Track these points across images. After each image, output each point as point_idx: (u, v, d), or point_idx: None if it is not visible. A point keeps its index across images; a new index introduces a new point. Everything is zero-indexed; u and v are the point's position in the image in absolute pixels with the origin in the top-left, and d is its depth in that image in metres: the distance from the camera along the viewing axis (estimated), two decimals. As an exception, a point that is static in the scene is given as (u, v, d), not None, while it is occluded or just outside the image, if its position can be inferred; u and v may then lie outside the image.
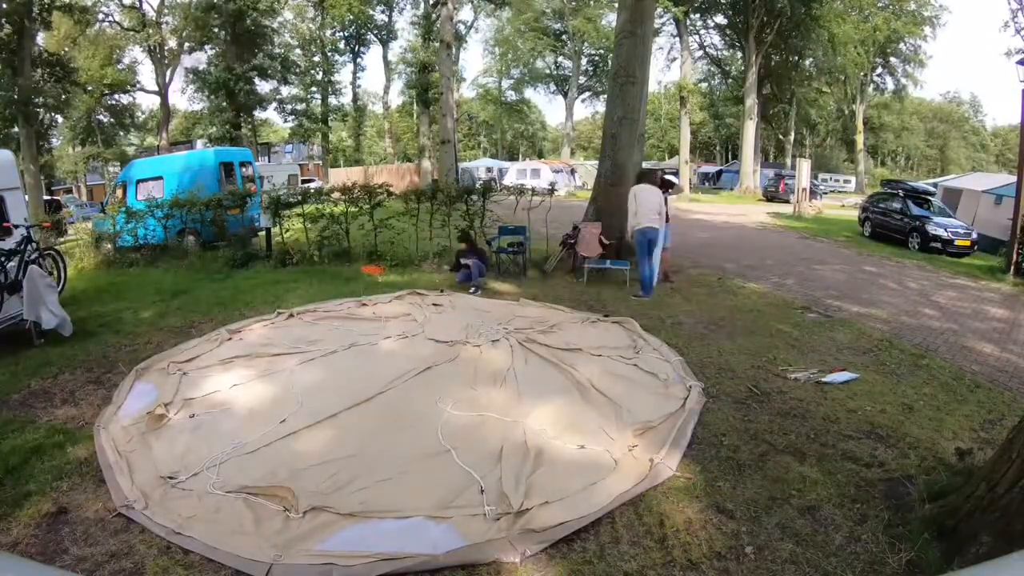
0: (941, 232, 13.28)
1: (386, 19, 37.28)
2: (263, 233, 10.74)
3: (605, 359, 4.98)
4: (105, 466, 3.40)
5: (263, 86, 30.54)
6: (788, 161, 37.24)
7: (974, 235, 13.35)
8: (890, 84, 40.28)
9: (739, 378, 4.72)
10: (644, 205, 7.41)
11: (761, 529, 2.83)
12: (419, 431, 3.72)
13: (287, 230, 10.44)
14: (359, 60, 38.87)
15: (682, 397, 4.23)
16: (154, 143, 36.35)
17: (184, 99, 37.53)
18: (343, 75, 38.81)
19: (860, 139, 42.27)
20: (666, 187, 8.38)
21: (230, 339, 5.65)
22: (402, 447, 3.54)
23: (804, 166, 21.84)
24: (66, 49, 24.36)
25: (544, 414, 3.93)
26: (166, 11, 28.72)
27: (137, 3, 28.22)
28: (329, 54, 36.27)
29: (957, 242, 13.11)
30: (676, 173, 31.73)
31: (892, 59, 37.90)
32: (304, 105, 35.16)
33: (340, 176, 28.29)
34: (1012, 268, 10.27)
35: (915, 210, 14.33)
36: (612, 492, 3.07)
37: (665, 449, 3.50)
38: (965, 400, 4.47)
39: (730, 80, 37.54)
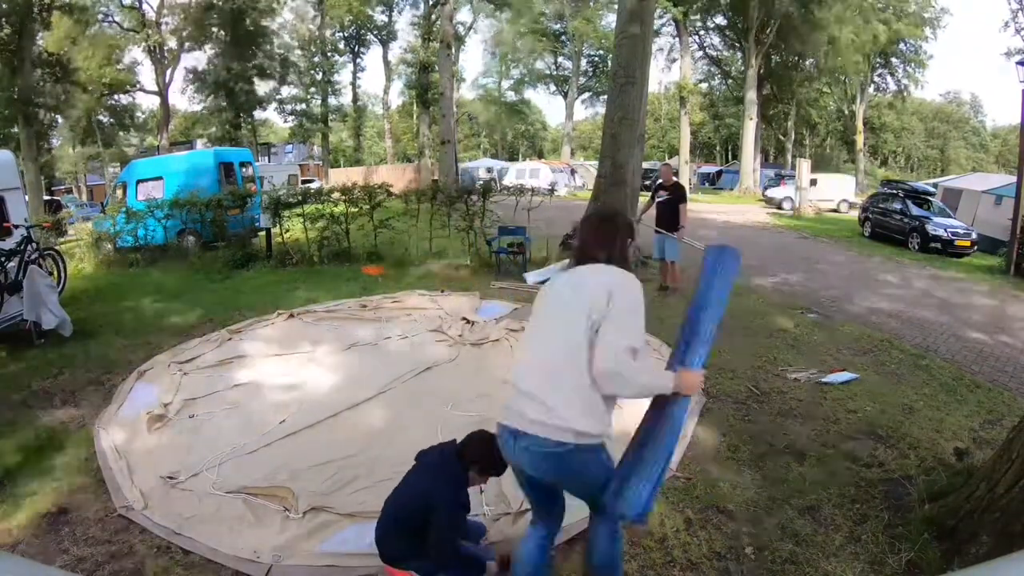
0: (941, 232, 13.27)
1: (386, 19, 37.31)
2: (263, 233, 10.74)
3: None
4: (105, 466, 3.40)
5: (263, 86, 30.60)
6: (788, 161, 37.21)
7: (974, 235, 13.34)
8: (891, 85, 40.30)
9: (739, 378, 4.72)
10: None
11: (761, 529, 2.83)
12: (419, 431, 3.72)
13: (287, 230, 10.44)
14: (359, 60, 38.95)
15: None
16: (154, 143, 36.33)
17: (184, 99, 37.50)
18: (343, 75, 38.85)
19: (860, 139, 42.25)
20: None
21: (230, 339, 5.65)
22: (402, 447, 3.53)
23: (804, 166, 21.84)
24: (65, 49, 24.31)
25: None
26: (166, 11, 28.71)
27: (137, 3, 28.20)
28: (329, 54, 36.28)
29: (957, 242, 13.11)
30: (676, 173, 31.71)
31: (893, 59, 37.89)
32: (304, 105, 35.19)
33: (340, 176, 28.29)
34: (1012, 268, 10.28)
35: (915, 210, 14.33)
36: (612, 492, 3.06)
37: (665, 449, 3.50)
38: (965, 400, 4.47)
39: (730, 80, 37.52)
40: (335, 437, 3.67)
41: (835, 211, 22.87)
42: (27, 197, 9.86)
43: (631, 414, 3.91)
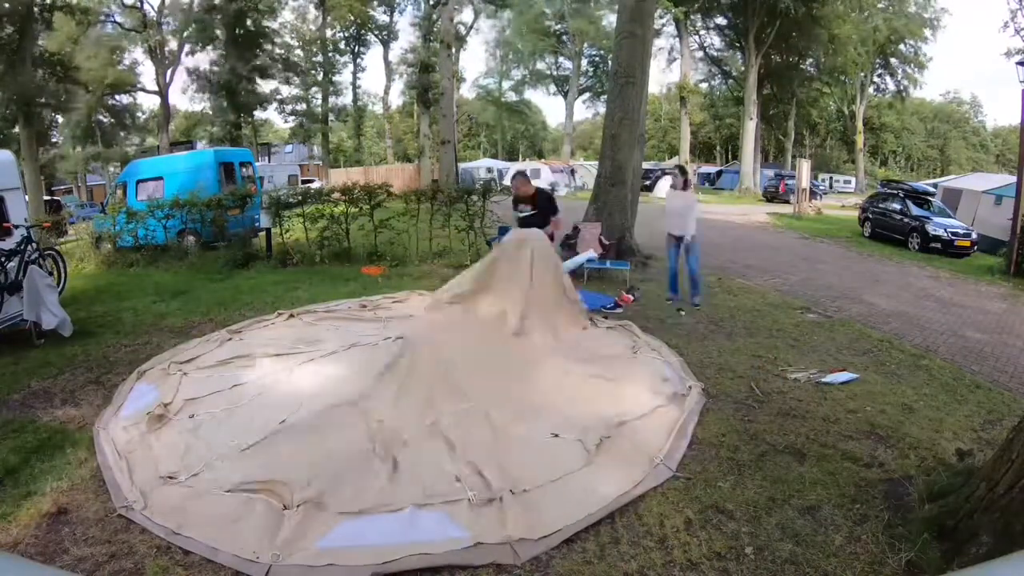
0: (941, 232, 13.29)
1: (387, 19, 37.35)
2: (263, 233, 10.75)
3: (604, 359, 4.97)
4: (105, 466, 3.39)
5: (264, 86, 30.64)
6: (788, 161, 37.22)
7: (974, 235, 13.36)
8: (891, 85, 40.33)
9: (739, 378, 4.72)
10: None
11: (761, 529, 2.83)
12: (418, 431, 3.72)
13: (287, 230, 10.44)
14: (359, 60, 38.97)
15: (682, 397, 4.22)
16: (154, 143, 36.32)
17: (185, 99, 37.56)
18: (344, 75, 38.88)
19: (860, 139, 42.29)
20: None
21: (230, 339, 5.64)
22: (400, 445, 3.54)
23: (804, 166, 21.87)
24: (67, 49, 24.31)
25: (542, 414, 3.93)
26: (167, 11, 28.72)
27: (138, 3, 28.21)
28: (330, 54, 36.31)
29: (957, 242, 13.14)
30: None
31: (892, 60, 37.90)
32: (304, 105, 35.23)
33: (340, 176, 28.31)
34: (1012, 268, 10.28)
35: (915, 210, 14.35)
36: (612, 493, 3.07)
37: (665, 449, 3.50)
38: (965, 400, 4.47)
39: (730, 80, 37.55)
40: (335, 437, 3.66)
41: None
42: (27, 197, 9.84)
43: (630, 407, 3.92)
